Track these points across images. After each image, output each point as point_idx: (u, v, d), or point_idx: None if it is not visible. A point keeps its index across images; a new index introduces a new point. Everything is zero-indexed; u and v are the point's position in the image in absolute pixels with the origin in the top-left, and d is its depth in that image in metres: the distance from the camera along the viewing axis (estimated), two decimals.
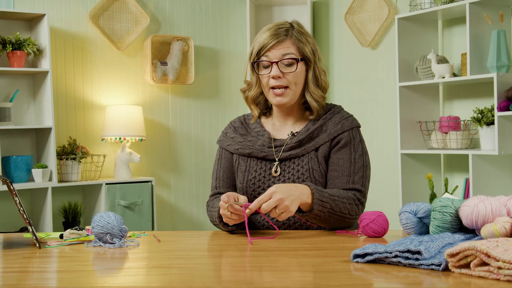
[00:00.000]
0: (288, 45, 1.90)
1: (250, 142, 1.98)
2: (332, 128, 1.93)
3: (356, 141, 1.94)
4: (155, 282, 1.27)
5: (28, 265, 1.46)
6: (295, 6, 4.68)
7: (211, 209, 1.91)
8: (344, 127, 1.93)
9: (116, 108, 4.19)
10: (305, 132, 1.94)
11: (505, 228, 1.36)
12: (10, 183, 1.64)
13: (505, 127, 3.27)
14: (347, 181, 1.88)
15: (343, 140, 1.92)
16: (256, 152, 1.96)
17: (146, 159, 4.46)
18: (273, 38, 1.89)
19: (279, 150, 1.94)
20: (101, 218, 1.65)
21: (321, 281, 1.22)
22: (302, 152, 1.92)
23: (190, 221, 4.63)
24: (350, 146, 1.92)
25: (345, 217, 1.80)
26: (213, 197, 2.01)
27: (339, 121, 1.95)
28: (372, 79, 4.36)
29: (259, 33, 1.94)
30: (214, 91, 4.76)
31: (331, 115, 1.97)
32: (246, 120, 2.08)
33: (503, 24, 3.43)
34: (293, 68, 1.90)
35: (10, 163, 3.79)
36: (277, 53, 1.89)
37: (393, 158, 4.15)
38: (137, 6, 4.34)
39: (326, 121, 1.95)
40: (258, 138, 1.99)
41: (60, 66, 4.15)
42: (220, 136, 2.08)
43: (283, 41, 1.90)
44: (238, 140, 2.01)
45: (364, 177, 1.90)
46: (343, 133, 1.93)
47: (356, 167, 1.90)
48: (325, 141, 1.92)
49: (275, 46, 1.89)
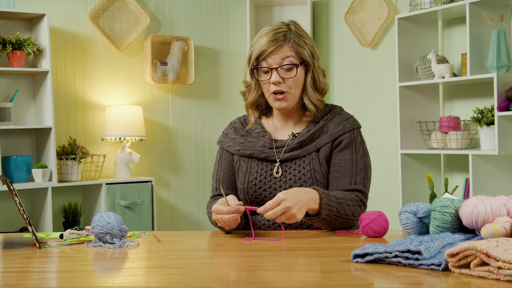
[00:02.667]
0: (287, 50, 1.90)
1: (251, 143, 1.98)
2: (333, 129, 1.94)
3: (358, 142, 1.94)
4: (155, 282, 1.27)
5: (28, 265, 1.46)
6: (295, 6, 4.68)
7: (209, 210, 1.92)
8: (345, 128, 1.94)
9: (116, 108, 4.19)
10: (306, 133, 1.94)
11: (505, 228, 1.36)
12: (10, 183, 1.64)
13: (505, 127, 3.27)
14: (349, 182, 1.88)
15: (345, 141, 1.92)
16: (257, 153, 1.96)
17: (146, 159, 4.46)
18: (272, 44, 1.88)
19: (280, 151, 1.94)
20: (101, 218, 1.65)
21: (321, 281, 1.22)
22: (303, 153, 1.92)
23: (190, 221, 4.63)
24: (351, 147, 1.92)
25: (349, 219, 1.82)
26: (213, 198, 2.01)
27: (340, 122, 1.95)
28: (372, 79, 4.36)
29: (257, 38, 1.93)
30: (214, 91, 4.76)
31: (332, 116, 1.97)
32: (246, 120, 2.08)
33: (503, 24, 3.43)
34: (293, 73, 1.90)
35: (10, 163, 3.79)
36: (276, 59, 1.89)
37: (393, 158, 4.15)
38: (137, 6, 4.34)
39: (327, 122, 1.96)
40: (259, 139, 1.99)
41: (60, 66, 4.15)
42: (221, 137, 2.08)
43: (281, 46, 1.89)
44: (239, 141, 2.01)
45: (365, 178, 1.91)
46: (344, 134, 1.93)
47: (358, 168, 1.90)
48: (326, 142, 1.93)
49: (274, 51, 1.89)
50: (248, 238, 1.71)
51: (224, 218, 1.71)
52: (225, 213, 1.71)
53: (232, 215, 1.71)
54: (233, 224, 1.73)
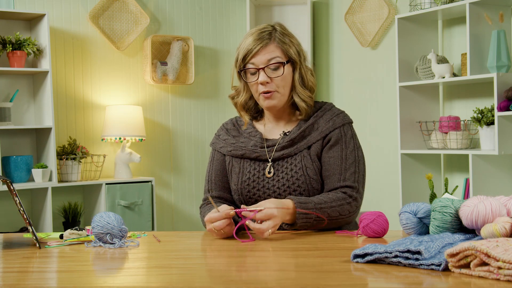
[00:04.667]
0: (273, 49, 1.90)
1: (243, 144, 1.99)
2: (323, 125, 1.93)
3: (348, 137, 1.93)
4: (155, 282, 1.27)
5: (28, 265, 1.46)
6: (295, 6, 4.68)
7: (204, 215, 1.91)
8: (335, 124, 1.93)
9: (116, 108, 4.19)
10: (297, 131, 1.94)
11: (505, 228, 1.36)
12: (10, 183, 1.64)
13: (505, 127, 3.27)
14: (338, 179, 1.88)
15: (333, 138, 1.92)
16: (248, 153, 1.96)
17: (146, 159, 4.46)
18: (257, 43, 1.89)
19: (272, 150, 1.94)
20: (101, 218, 1.65)
21: (321, 281, 1.22)
22: (294, 151, 1.92)
23: (190, 221, 4.63)
24: (341, 143, 1.91)
25: (337, 218, 1.81)
26: (206, 202, 2.01)
27: (330, 118, 1.95)
28: (372, 79, 4.36)
29: (243, 39, 1.94)
30: (214, 91, 4.76)
31: (322, 113, 1.96)
32: (238, 121, 2.09)
33: (503, 24, 3.43)
34: (280, 72, 1.90)
35: (10, 163, 3.79)
36: (262, 58, 1.89)
37: (393, 158, 4.15)
38: (137, 6, 4.34)
39: (317, 119, 1.95)
40: (250, 139, 1.99)
41: (60, 66, 4.15)
42: (213, 139, 2.09)
43: (267, 45, 1.89)
44: (231, 142, 2.01)
45: (356, 172, 1.89)
46: (334, 130, 1.93)
47: (348, 163, 1.90)
48: (317, 139, 1.92)
49: (259, 51, 1.89)
50: (244, 240, 1.69)
51: (215, 225, 1.69)
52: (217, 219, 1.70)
53: (222, 221, 1.69)
54: (227, 230, 1.71)
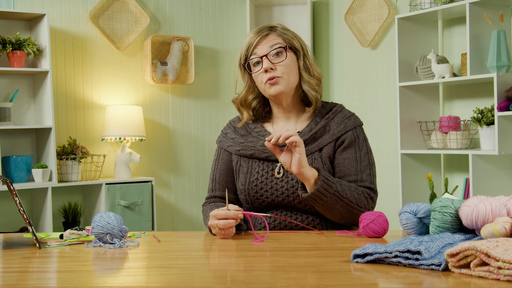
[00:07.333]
0: (274, 37, 1.92)
1: (251, 143, 1.96)
2: (335, 128, 1.92)
3: (360, 139, 1.93)
4: (155, 282, 1.27)
5: (28, 265, 1.46)
6: (295, 6, 4.68)
7: (206, 214, 1.90)
8: (347, 127, 1.93)
9: (116, 108, 4.19)
10: (308, 132, 1.92)
11: (505, 228, 1.36)
12: (10, 183, 1.64)
13: (505, 127, 3.27)
14: (354, 179, 1.88)
15: (347, 140, 1.91)
16: (258, 153, 1.93)
17: (146, 159, 4.46)
18: (258, 35, 1.92)
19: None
20: (101, 218, 1.65)
21: (321, 281, 1.22)
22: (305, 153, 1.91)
23: (190, 221, 4.63)
24: (354, 146, 1.91)
25: (353, 206, 1.80)
26: (209, 200, 2.00)
27: (342, 120, 1.94)
28: (372, 79, 4.36)
29: (244, 39, 1.97)
30: (214, 91, 4.76)
31: (334, 115, 1.96)
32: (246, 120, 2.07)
33: (503, 24, 3.43)
34: (282, 57, 1.90)
35: (10, 163, 3.79)
36: (264, 47, 1.91)
37: (393, 158, 4.15)
38: (137, 6, 4.34)
39: (329, 121, 1.94)
40: (259, 138, 1.96)
41: (60, 66, 4.15)
42: (220, 137, 2.06)
43: (268, 35, 1.92)
44: (239, 141, 1.99)
45: (371, 175, 1.91)
46: (346, 133, 1.92)
47: (363, 165, 1.90)
48: (328, 142, 1.91)
49: (260, 41, 1.91)
50: (255, 239, 1.69)
51: (220, 224, 1.68)
52: (222, 217, 1.68)
53: (228, 221, 1.67)
54: (227, 233, 1.69)
